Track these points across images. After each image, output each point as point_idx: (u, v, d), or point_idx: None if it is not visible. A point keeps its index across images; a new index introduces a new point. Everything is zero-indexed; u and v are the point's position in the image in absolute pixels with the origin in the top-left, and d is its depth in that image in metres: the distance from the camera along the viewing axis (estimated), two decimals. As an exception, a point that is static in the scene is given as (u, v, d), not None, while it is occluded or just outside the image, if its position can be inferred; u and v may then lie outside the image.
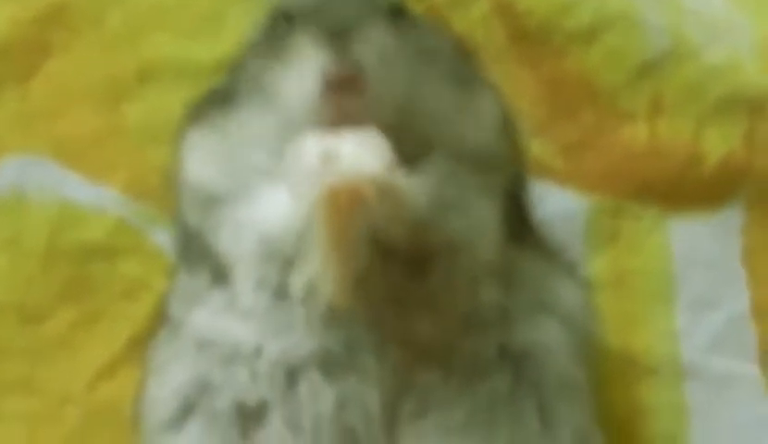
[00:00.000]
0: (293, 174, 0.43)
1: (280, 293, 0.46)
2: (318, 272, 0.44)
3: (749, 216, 0.61)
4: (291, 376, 0.47)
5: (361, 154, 0.42)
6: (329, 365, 0.47)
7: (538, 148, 0.58)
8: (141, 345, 0.54)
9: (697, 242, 0.61)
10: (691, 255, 0.61)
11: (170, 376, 0.49)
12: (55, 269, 0.60)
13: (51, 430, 0.58)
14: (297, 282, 0.45)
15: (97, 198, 0.61)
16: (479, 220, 0.47)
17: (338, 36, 0.44)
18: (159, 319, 0.52)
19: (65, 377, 0.58)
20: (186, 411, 0.48)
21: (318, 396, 0.47)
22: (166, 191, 0.53)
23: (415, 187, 0.44)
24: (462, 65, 0.50)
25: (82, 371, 0.58)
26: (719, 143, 0.61)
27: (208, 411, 0.48)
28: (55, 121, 0.61)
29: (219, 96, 0.49)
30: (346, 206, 0.41)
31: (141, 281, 0.59)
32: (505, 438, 0.48)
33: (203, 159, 0.49)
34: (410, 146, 0.45)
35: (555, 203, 0.60)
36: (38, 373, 0.59)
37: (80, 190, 0.61)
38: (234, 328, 0.48)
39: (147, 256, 0.60)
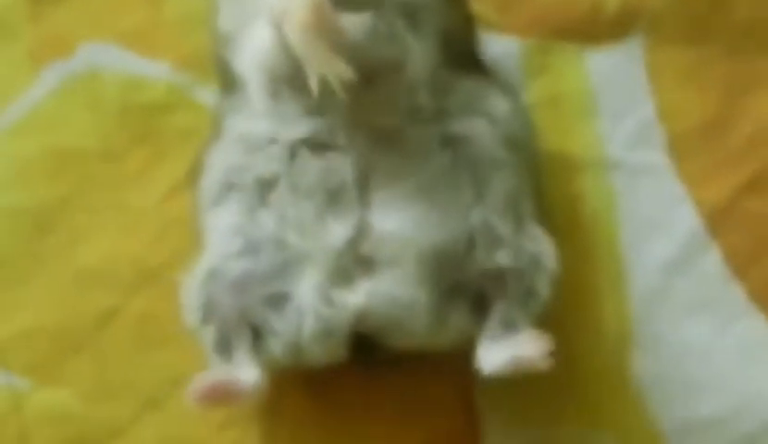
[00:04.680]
0: (269, 9, 0.57)
1: (277, 97, 0.59)
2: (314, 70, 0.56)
3: (648, 42, 0.70)
4: (292, 154, 0.59)
5: None
6: (317, 146, 0.59)
7: (477, 7, 0.67)
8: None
9: (609, 67, 0.71)
10: (606, 78, 0.71)
11: (215, 168, 0.61)
12: (127, 122, 0.70)
13: (133, 237, 0.68)
14: (308, 79, 0.56)
15: (154, 70, 0.71)
16: (407, 48, 0.59)
17: None
18: (207, 145, 0.62)
19: (142, 198, 0.69)
20: (226, 189, 0.60)
21: (309, 167, 0.59)
22: (206, 59, 0.66)
23: (353, 21, 0.56)
24: None
25: (154, 193, 0.69)
26: (617, -10, 0.70)
27: (240, 186, 0.60)
28: (115, 16, 0.72)
29: None
30: (303, 24, 0.55)
31: (192, 129, 0.69)
32: (448, 203, 0.59)
33: (225, 13, 0.62)
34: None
35: (496, 47, 0.69)
36: (121, 197, 0.69)
37: (139, 65, 0.71)
38: (255, 126, 0.60)
39: (195, 111, 0.70)
